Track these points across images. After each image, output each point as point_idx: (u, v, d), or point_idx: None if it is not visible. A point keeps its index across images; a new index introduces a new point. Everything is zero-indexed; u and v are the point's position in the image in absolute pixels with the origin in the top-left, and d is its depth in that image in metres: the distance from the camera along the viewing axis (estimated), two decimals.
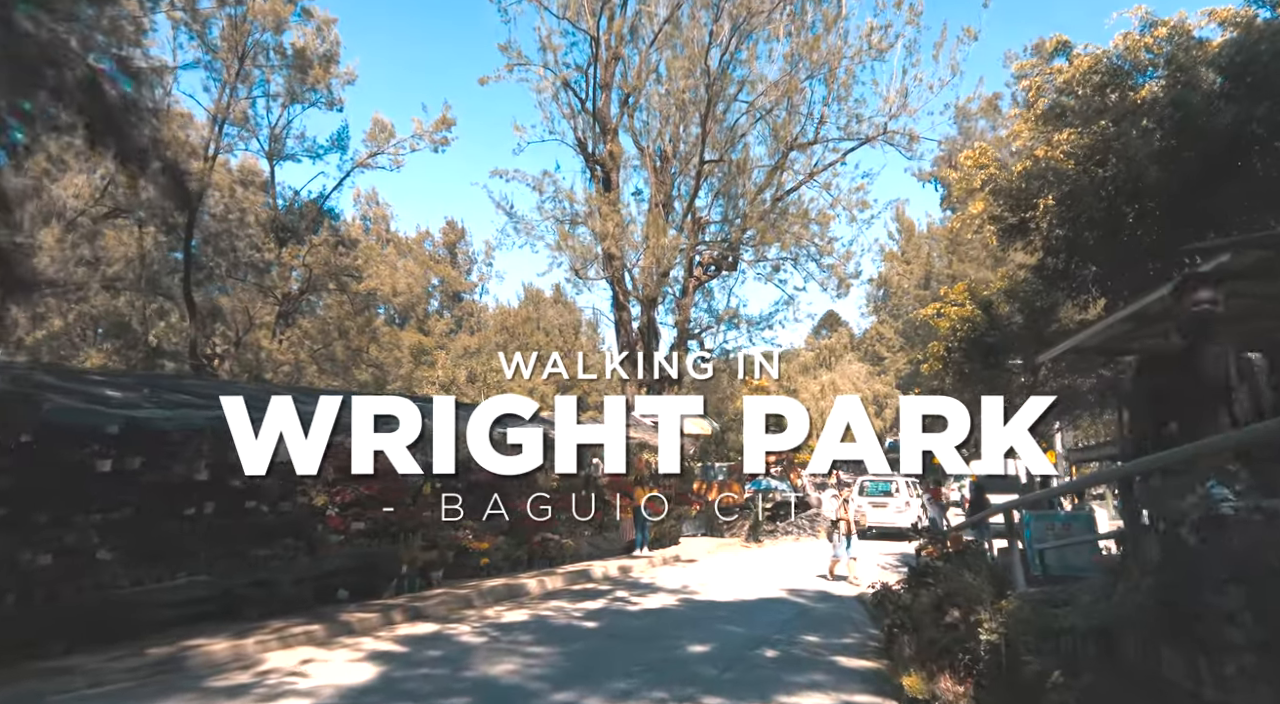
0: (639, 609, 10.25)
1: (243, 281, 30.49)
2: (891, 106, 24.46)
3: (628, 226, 20.96)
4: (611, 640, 7.99)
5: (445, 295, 65.97)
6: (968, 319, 14.26)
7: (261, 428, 6.29)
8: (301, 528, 9.62)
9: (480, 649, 7.49)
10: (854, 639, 8.27)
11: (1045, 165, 10.16)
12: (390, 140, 32.07)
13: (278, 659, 6.93)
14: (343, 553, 10.12)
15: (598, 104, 23.81)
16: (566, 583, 12.66)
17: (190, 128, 27.57)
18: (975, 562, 6.49)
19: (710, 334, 25.87)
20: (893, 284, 62.83)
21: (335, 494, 10.44)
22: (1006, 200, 11.56)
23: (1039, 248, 11.79)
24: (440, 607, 9.86)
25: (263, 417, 6.29)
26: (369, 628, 8.48)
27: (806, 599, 11.28)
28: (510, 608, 10.19)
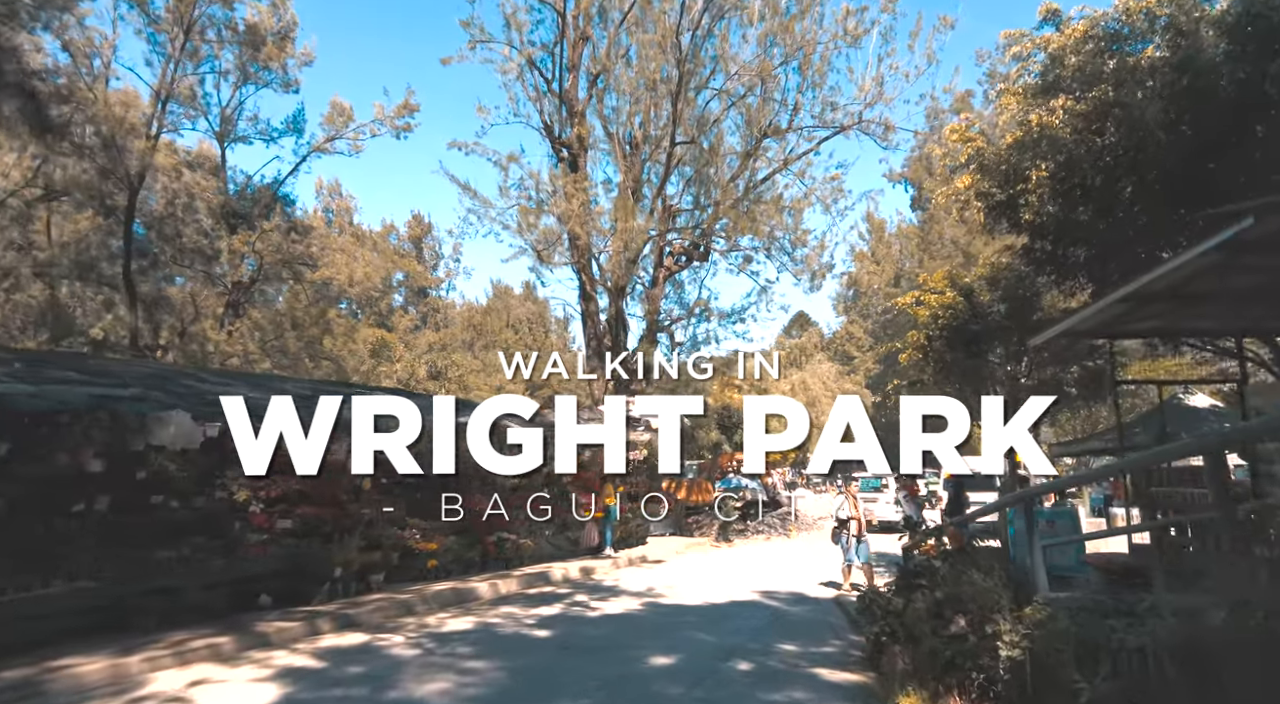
0: (599, 615, 9.32)
1: (189, 269, 28.90)
2: (867, 95, 23.84)
3: (594, 209, 19.98)
4: (564, 653, 7.05)
5: (410, 291, 64.37)
6: (949, 307, 13.56)
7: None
8: (217, 526, 8.51)
9: (411, 664, 6.50)
10: (835, 647, 7.43)
11: (1040, 134, 9.45)
12: (349, 124, 30.66)
13: (165, 680, 5.87)
14: (267, 554, 9.03)
15: (565, 85, 22.82)
16: (522, 586, 11.68)
17: (133, 106, 25.92)
18: (984, 560, 5.67)
19: (681, 327, 25.02)
20: (863, 284, 62.85)
21: (261, 489, 9.35)
22: (994, 176, 10.85)
23: (1027, 228, 11.10)
24: (376, 614, 8.83)
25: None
26: (288, 639, 7.43)
27: (780, 602, 10.45)
28: (455, 615, 9.19)
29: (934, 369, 13.70)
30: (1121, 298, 7.99)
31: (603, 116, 23.85)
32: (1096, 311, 8.64)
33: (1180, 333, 10.06)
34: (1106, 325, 9.56)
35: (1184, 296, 7.99)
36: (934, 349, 13.55)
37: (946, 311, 13.43)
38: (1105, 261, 11.17)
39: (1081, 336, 10.81)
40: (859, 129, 24.28)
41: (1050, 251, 11.57)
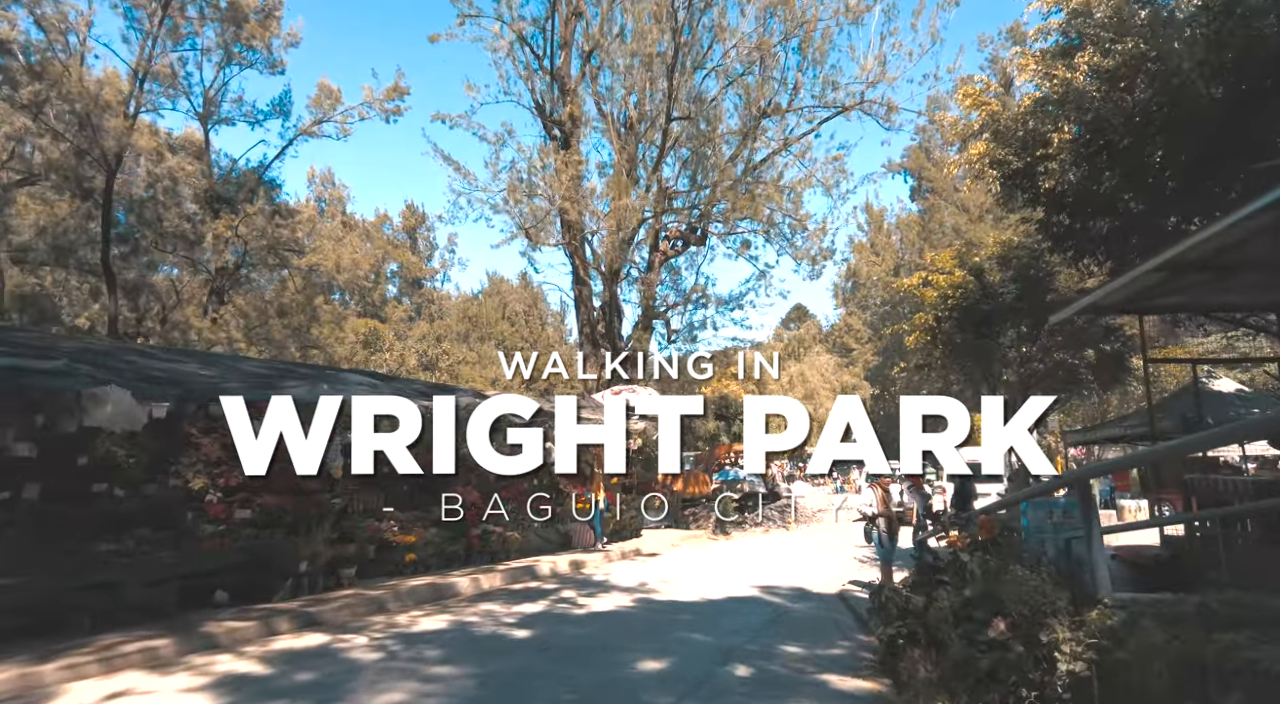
0: (585, 613, 8.61)
1: (172, 254, 28.08)
2: (869, 74, 23.08)
3: (586, 185, 19.17)
4: (542, 656, 6.33)
5: (405, 281, 63.57)
6: (959, 286, 12.86)
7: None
8: (166, 516, 7.78)
9: (369, 670, 5.78)
10: (844, 649, 6.74)
11: (1063, 93, 8.70)
12: (337, 107, 29.81)
13: (81, 692, 5.14)
14: (225, 547, 8.31)
15: (557, 63, 22.00)
16: (506, 582, 10.97)
17: (111, 84, 25.00)
18: (1028, 554, 4.95)
19: (677, 313, 24.25)
20: (862, 275, 62.16)
21: (219, 476, 8.62)
22: (1011, 142, 10.12)
23: (1045, 199, 10.38)
24: (343, 612, 8.11)
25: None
26: (238, 641, 6.71)
27: (781, 598, 9.76)
28: (430, 613, 8.47)
29: (943, 351, 13.00)
30: (1156, 267, 7.28)
31: (596, 96, 23.05)
32: (1126, 283, 7.93)
33: (1213, 308, 9.34)
34: (1134, 300, 8.84)
35: (1220, 267, 7.29)
36: (943, 331, 12.85)
37: (956, 291, 12.72)
38: (1128, 235, 10.45)
39: (1106, 312, 10.10)
40: (861, 110, 23.55)
41: (1069, 225, 10.85)
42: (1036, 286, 13.07)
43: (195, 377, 8.25)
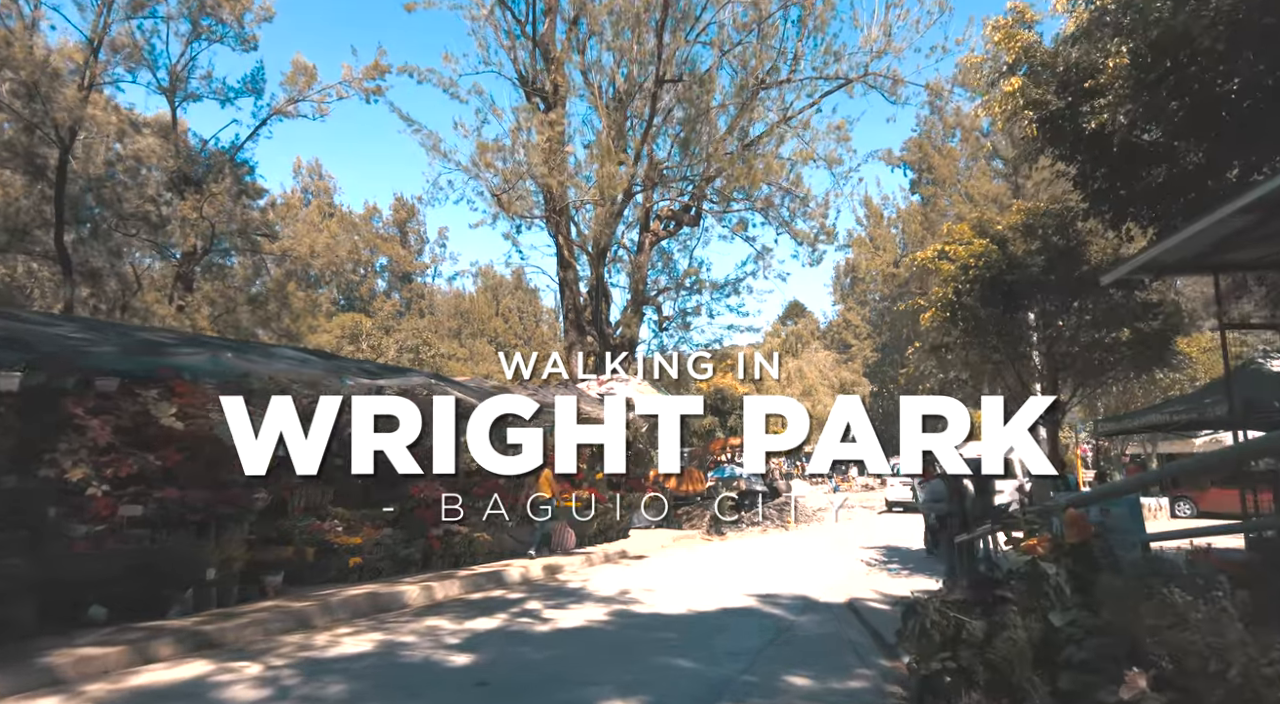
0: (549, 630, 7.15)
1: (135, 237, 26.51)
2: (873, 44, 21.65)
3: (565, 149, 17.61)
4: (478, 694, 4.87)
5: (394, 275, 62.11)
6: (981, 254, 11.42)
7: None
8: (20, 514, 6.29)
9: None
10: (864, 680, 5.31)
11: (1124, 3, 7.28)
12: (313, 85, 28.30)
13: None
14: (106, 551, 6.83)
15: (540, 29, 20.51)
16: (466, 590, 9.52)
17: (67, 54, 23.41)
18: (1159, 566, 3.51)
19: (669, 298, 22.76)
20: (861, 269, 60.87)
21: (107, 465, 7.14)
22: (1049, 79, 8.69)
23: (1085, 149, 8.96)
24: (250, 629, 6.64)
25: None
26: (87, 675, 5.24)
27: (783, 610, 8.31)
28: (359, 630, 7.00)
29: (963, 328, 11.54)
30: (1244, 207, 5.88)
31: (583, 68, 21.53)
32: (1201, 231, 6.52)
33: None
34: (1205, 255, 7.41)
35: None
36: (963, 305, 11.39)
37: (979, 260, 11.28)
38: (1184, 190, 9.02)
39: (1170, 271, 8.68)
40: (865, 82, 22.11)
41: (1111, 181, 9.42)
42: (1066, 257, 11.66)
43: (57, 339, 6.78)
